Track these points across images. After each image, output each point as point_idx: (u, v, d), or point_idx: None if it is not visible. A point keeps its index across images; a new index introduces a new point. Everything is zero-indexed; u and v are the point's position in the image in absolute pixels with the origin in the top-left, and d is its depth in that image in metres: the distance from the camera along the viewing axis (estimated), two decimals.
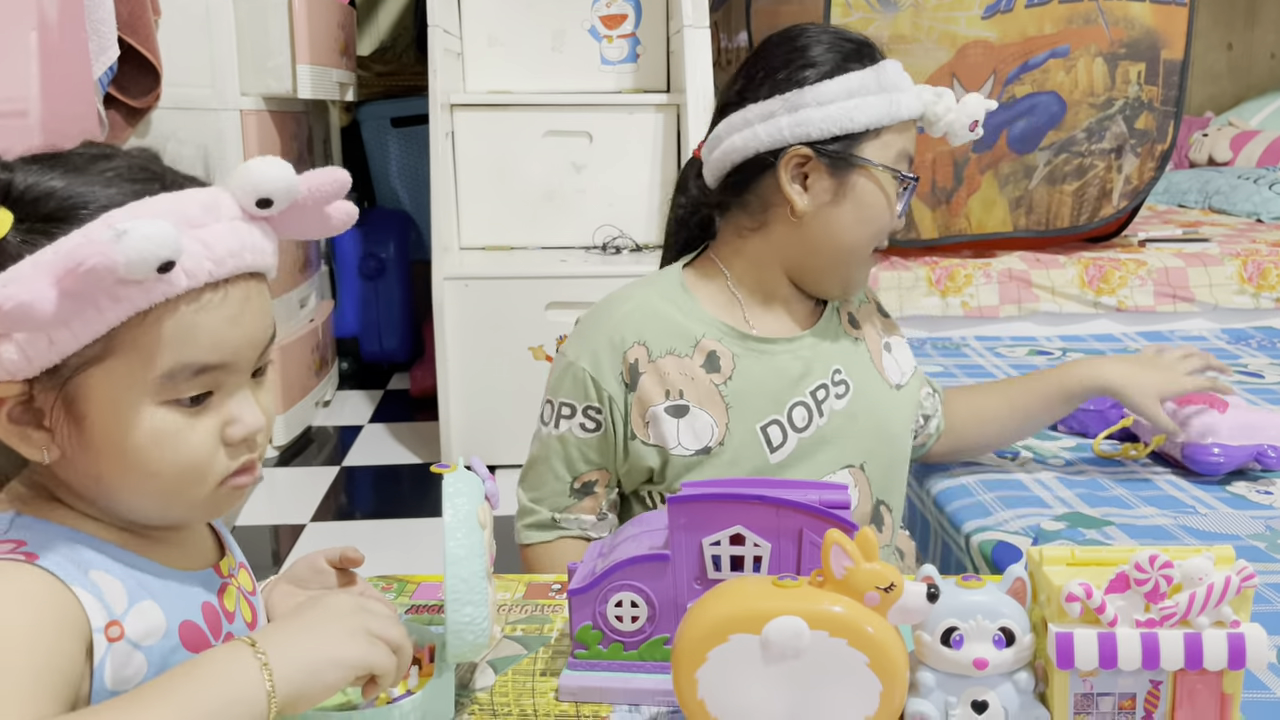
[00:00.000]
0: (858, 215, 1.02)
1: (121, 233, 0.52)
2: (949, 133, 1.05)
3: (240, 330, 0.60)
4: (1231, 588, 0.62)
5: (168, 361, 0.57)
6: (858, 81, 0.99)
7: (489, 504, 0.73)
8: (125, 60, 2.11)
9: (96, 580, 0.58)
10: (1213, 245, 2.46)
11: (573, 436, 1.06)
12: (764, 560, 0.72)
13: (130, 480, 0.59)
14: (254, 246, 0.60)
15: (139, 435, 0.58)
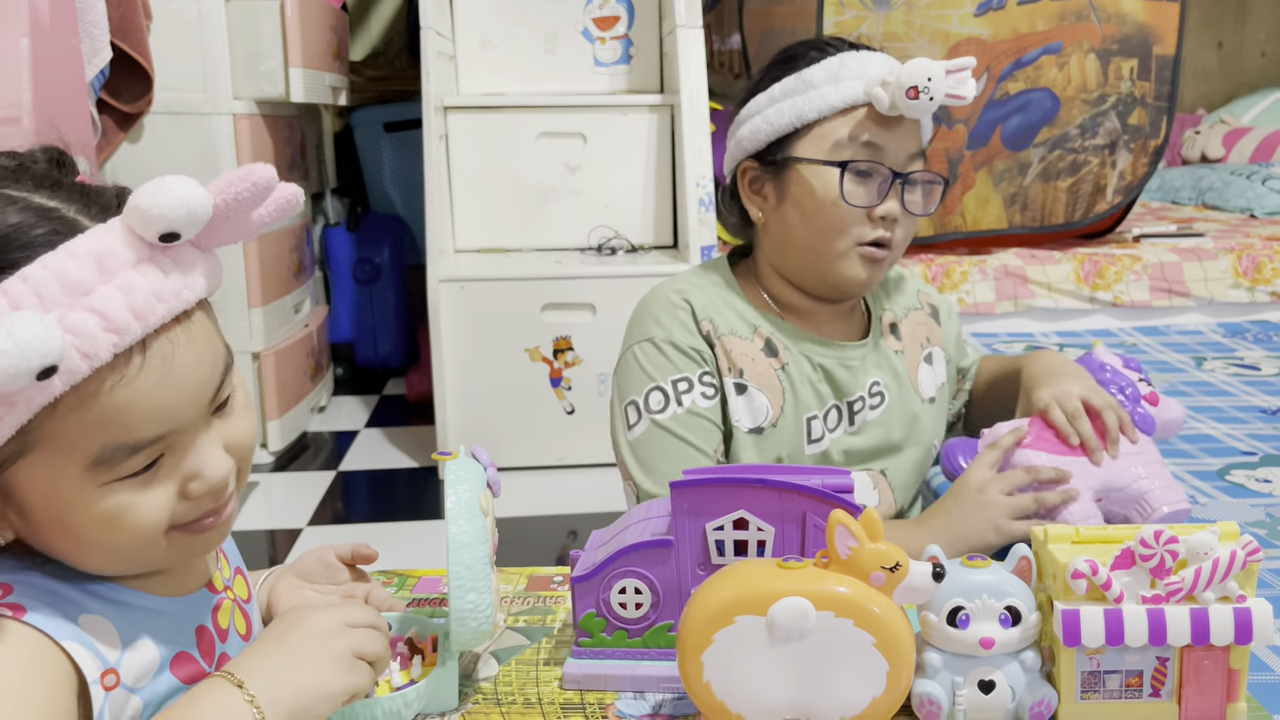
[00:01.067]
0: (800, 212, 1.03)
1: None
2: (902, 109, 0.99)
3: (174, 391, 0.53)
4: (1237, 563, 0.62)
5: (94, 448, 0.51)
6: (779, 88, 1.04)
7: (490, 491, 0.72)
8: (117, 65, 2.11)
9: (87, 627, 0.55)
10: (1207, 240, 2.47)
11: (700, 406, 1.02)
12: (768, 544, 0.71)
13: (91, 555, 0.56)
14: (168, 290, 0.51)
15: (90, 519, 0.53)
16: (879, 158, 1.00)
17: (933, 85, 0.96)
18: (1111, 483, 0.98)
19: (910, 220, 1.03)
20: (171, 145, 2.30)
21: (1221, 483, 1.34)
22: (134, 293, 0.50)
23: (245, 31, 2.32)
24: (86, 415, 0.50)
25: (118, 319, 0.49)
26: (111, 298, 0.49)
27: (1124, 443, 0.99)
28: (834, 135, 1.00)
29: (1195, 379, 1.90)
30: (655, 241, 2.64)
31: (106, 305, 0.49)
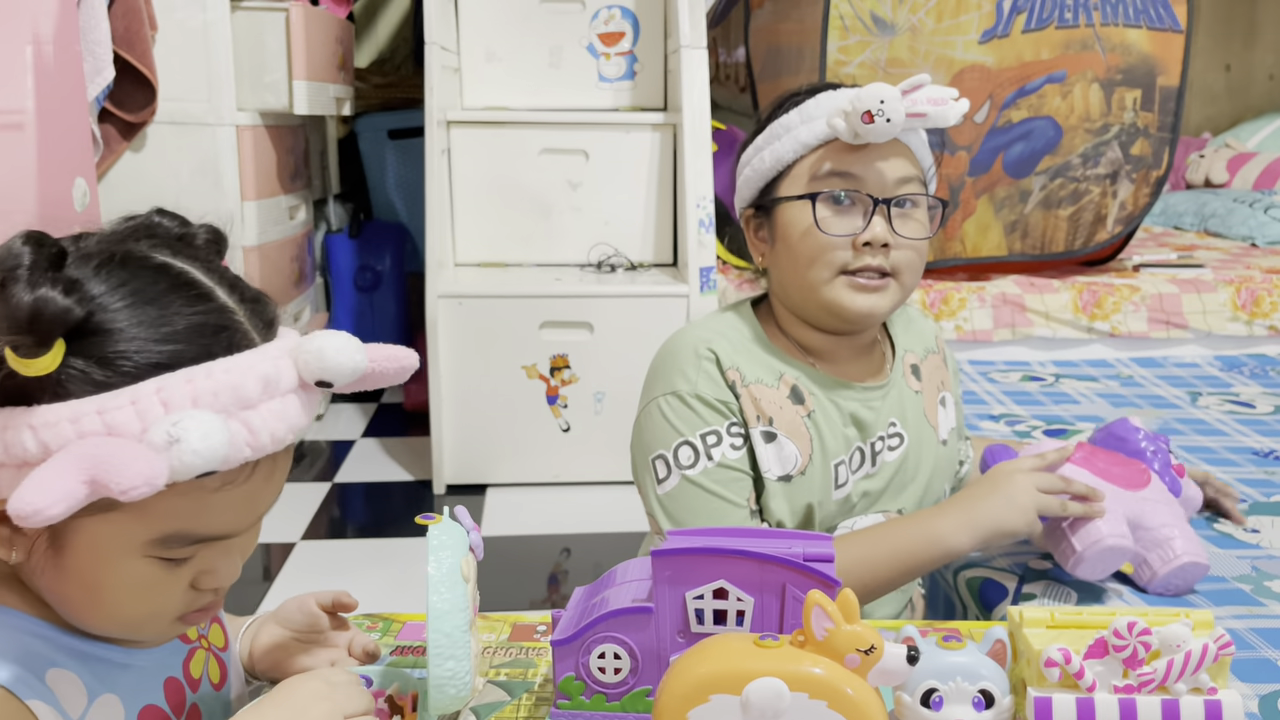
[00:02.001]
0: (787, 248, 1.04)
1: (174, 441, 0.49)
2: (864, 135, 0.98)
3: (254, 506, 0.58)
4: (1209, 655, 0.62)
5: (170, 528, 0.55)
6: (763, 138, 1.07)
7: (473, 555, 0.73)
8: (122, 75, 2.11)
9: (53, 683, 0.57)
10: (1206, 271, 2.47)
11: (730, 458, 1.02)
12: (747, 614, 0.72)
13: (92, 612, 0.58)
14: (298, 425, 0.57)
15: (115, 582, 0.56)
16: (856, 186, 1.00)
17: (886, 107, 0.96)
18: (1141, 520, 1.03)
19: (910, 246, 1.02)
20: (174, 155, 2.31)
21: (1210, 531, 1.34)
22: (281, 420, 0.55)
23: (250, 43, 2.33)
24: (182, 502, 0.54)
25: (261, 438, 0.54)
26: (265, 419, 0.54)
27: (1156, 490, 1.04)
28: (811, 171, 1.02)
29: (1189, 416, 1.90)
30: (655, 260, 2.64)
31: (259, 424, 0.54)
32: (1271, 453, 1.67)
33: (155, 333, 0.53)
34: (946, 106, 0.98)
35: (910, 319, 1.18)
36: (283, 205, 2.60)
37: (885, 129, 0.97)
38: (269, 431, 0.54)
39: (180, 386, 0.52)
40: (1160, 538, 1.03)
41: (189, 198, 2.32)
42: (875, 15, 2.25)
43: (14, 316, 0.49)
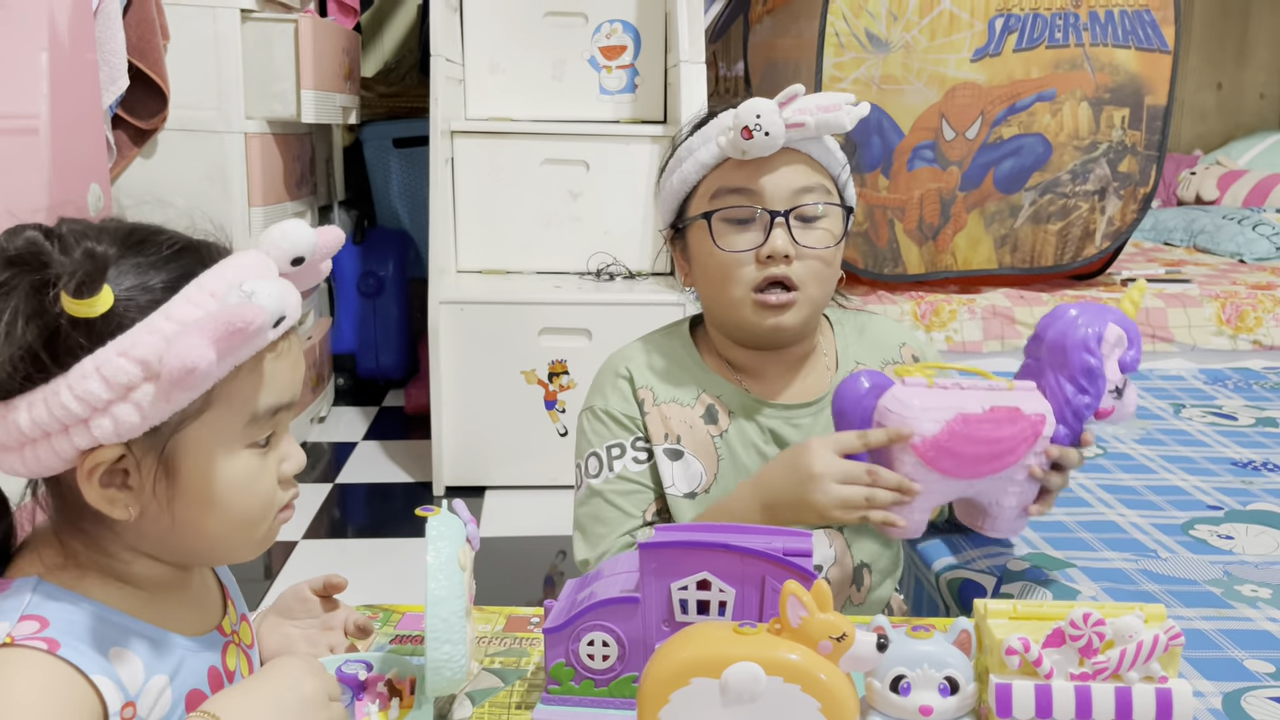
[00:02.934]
0: (701, 270, 1.06)
1: (251, 293, 0.59)
2: (747, 150, 0.99)
3: (297, 372, 0.67)
4: (1160, 645, 0.66)
5: (256, 406, 0.63)
6: (672, 161, 1.08)
7: (469, 546, 0.77)
8: (134, 83, 2.16)
9: (115, 660, 0.61)
10: (1193, 286, 2.51)
11: (631, 471, 1.06)
12: (729, 605, 0.76)
13: (214, 531, 0.65)
14: (298, 301, 0.65)
15: (229, 481, 0.64)
16: (752, 200, 1.00)
17: (763, 121, 0.97)
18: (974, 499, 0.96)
19: (815, 256, 1.00)
20: (183, 161, 2.35)
21: (1184, 537, 1.38)
22: (290, 293, 0.64)
23: (259, 53, 2.38)
24: (252, 377, 0.63)
25: (290, 304, 0.63)
26: (284, 286, 0.63)
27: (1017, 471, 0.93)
28: (710, 190, 1.03)
29: (1172, 427, 1.94)
30: (652, 269, 2.69)
31: (284, 289, 0.62)
32: (1250, 463, 1.71)
33: (157, 259, 0.61)
34: (838, 112, 0.98)
35: (865, 327, 1.15)
36: (289, 211, 2.64)
37: (765, 143, 0.97)
38: (290, 300, 0.63)
39: (214, 277, 0.60)
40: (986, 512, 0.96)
41: (198, 203, 2.35)
42: (870, 33, 2.30)
43: (71, 268, 0.56)
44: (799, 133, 0.98)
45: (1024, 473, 0.93)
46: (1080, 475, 1.64)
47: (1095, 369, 0.92)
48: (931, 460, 0.90)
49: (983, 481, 0.93)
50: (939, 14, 2.29)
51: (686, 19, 2.50)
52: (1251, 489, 1.59)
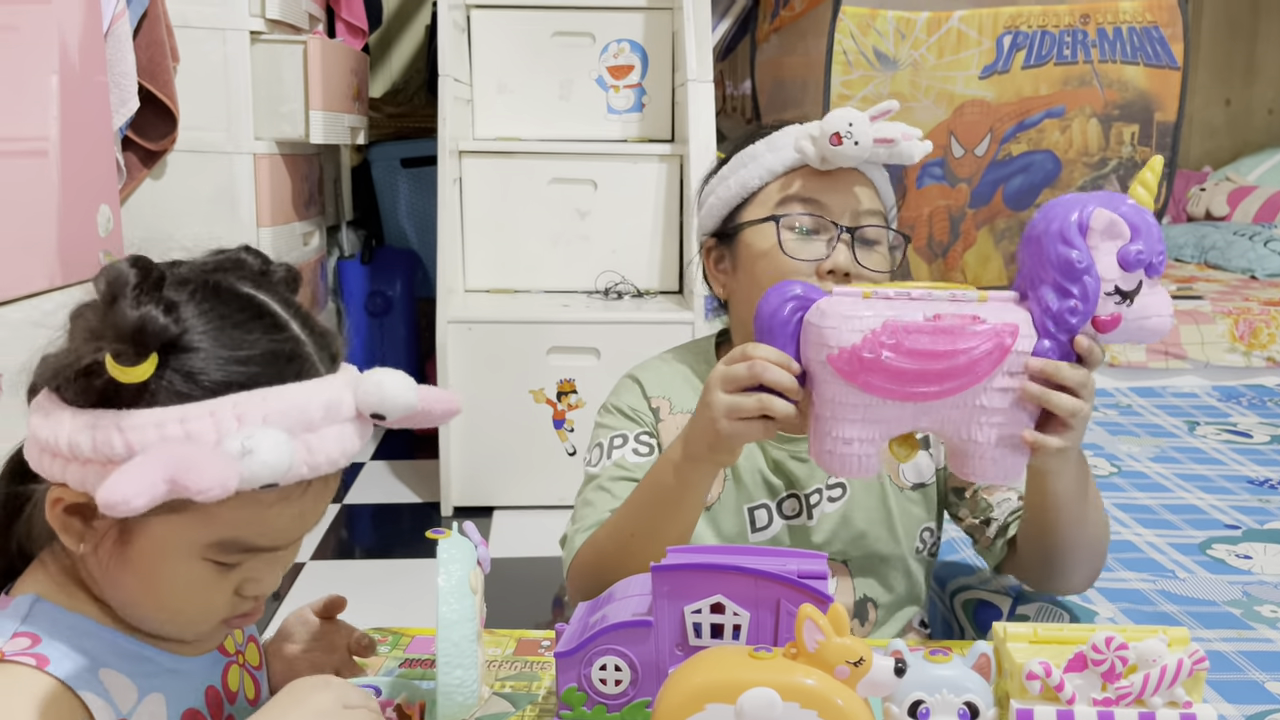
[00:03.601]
0: (748, 275, 1.03)
1: (247, 452, 0.55)
2: (830, 159, 0.98)
3: (303, 523, 0.64)
4: (1184, 670, 0.65)
5: (228, 535, 0.60)
6: (728, 168, 1.07)
7: (480, 569, 0.76)
8: (144, 104, 2.17)
9: (105, 679, 0.61)
10: (1205, 303, 2.50)
11: (628, 460, 1.05)
12: (743, 628, 0.75)
13: (145, 607, 0.63)
14: (351, 450, 0.62)
15: (173, 580, 0.61)
16: (822, 212, 0.99)
17: (855, 130, 0.96)
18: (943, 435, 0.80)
19: (871, 279, 0.99)
20: (193, 182, 2.36)
21: (1202, 557, 1.37)
22: (337, 444, 0.60)
23: (268, 75, 2.39)
24: (242, 512, 0.59)
25: (318, 459, 0.59)
26: (324, 442, 0.59)
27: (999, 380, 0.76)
28: (775, 196, 1.02)
29: (1186, 444, 1.93)
30: (661, 287, 2.69)
31: (318, 445, 0.59)
32: (1267, 481, 1.69)
33: (235, 355, 0.59)
34: (909, 143, 0.98)
35: None
36: (297, 231, 2.65)
37: (853, 152, 0.96)
38: (325, 454, 0.60)
39: (254, 404, 0.57)
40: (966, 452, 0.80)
41: (207, 224, 2.37)
42: (878, 50, 2.31)
43: (120, 327, 0.55)
44: (884, 149, 0.97)
45: (1002, 398, 0.76)
46: None
47: (1075, 263, 0.74)
48: (851, 375, 0.75)
49: (943, 409, 0.76)
50: (947, 31, 2.29)
51: (694, 38, 2.50)
52: (1269, 507, 1.57)
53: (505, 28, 2.76)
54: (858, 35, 2.29)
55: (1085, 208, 0.75)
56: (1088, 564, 0.99)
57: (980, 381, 0.74)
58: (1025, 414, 0.77)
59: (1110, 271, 0.75)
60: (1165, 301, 0.77)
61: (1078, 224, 0.75)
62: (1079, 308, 0.75)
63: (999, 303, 0.77)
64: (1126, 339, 0.77)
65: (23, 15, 1.63)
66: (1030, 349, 0.76)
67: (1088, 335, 0.77)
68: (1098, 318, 0.75)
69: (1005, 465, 0.78)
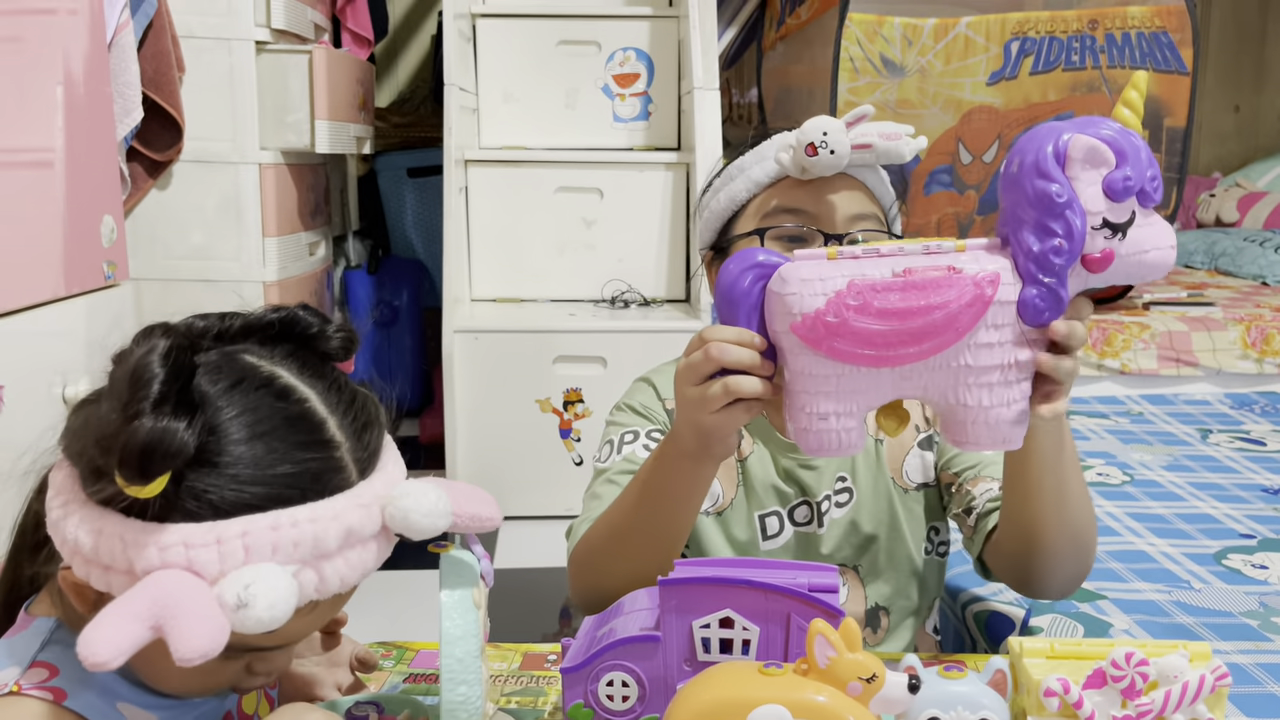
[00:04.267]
0: None
1: (242, 605, 0.51)
2: (810, 169, 0.95)
3: (313, 624, 0.61)
4: (1206, 686, 0.63)
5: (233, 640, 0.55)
6: (719, 180, 1.05)
7: (484, 583, 0.75)
8: (150, 115, 2.17)
9: (125, 712, 0.60)
10: (1216, 310, 2.48)
11: (638, 456, 1.03)
12: (752, 643, 0.73)
13: (153, 676, 0.62)
14: (369, 569, 0.59)
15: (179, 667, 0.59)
16: (807, 222, 0.97)
17: (830, 139, 0.93)
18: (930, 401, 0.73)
19: None
20: (198, 192, 2.36)
21: (1218, 567, 1.35)
22: (354, 568, 0.57)
23: (274, 85, 2.38)
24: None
25: (330, 585, 0.55)
26: (338, 567, 0.56)
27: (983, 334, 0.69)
28: (763, 209, 1.00)
29: (1199, 453, 1.91)
30: (667, 295, 2.67)
31: (331, 571, 0.55)
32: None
33: (258, 474, 0.54)
34: (899, 142, 0.94)
35: None
36: (303, 241, 2.64)
37: (830, 161, 0.93)
38: (339, 577, 0.56)
39: (264, 534, 0.53)
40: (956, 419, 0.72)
41: (212, 234, 2.37)
42: (885, 57, 2.30)
43: (129, 445, 0.50)
44: (862, 156, 0.94)
45: (990, 354, 0.69)
46: (1107, 503, 1.60)
47: (1054, 197, 0.66)
48: (816, 343, 0.68)
49: (925, 373, 0.69)
50: (954, 38, 2.28)
51: (700, 46, 2.50)
52: None
53: (511, 37, 2.76)
54: (864, 42, 2.28)
55: (1061, 135, 0.67)
56: (1071, 559, 0.92)
57: (961, 338, 0.67)
58: (1017, 370, 0.70)
59: (1096, 204, 0.67)
60: (1164, 232, 0.68)
61: (1054, 154, 0.67)
62: (1063, 246, 0.66)
63: (977, 250, 0.69)
64: (1125, 278, 0.69)
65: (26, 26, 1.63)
66: (1014, 298, 0.68)
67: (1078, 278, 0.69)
68: (1087, 256, 0.67)
69: (1002, 429, 0.71)
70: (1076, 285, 0.69)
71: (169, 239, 2.34)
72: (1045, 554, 0.91)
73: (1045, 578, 0.94)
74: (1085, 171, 0.67)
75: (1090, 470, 1.77)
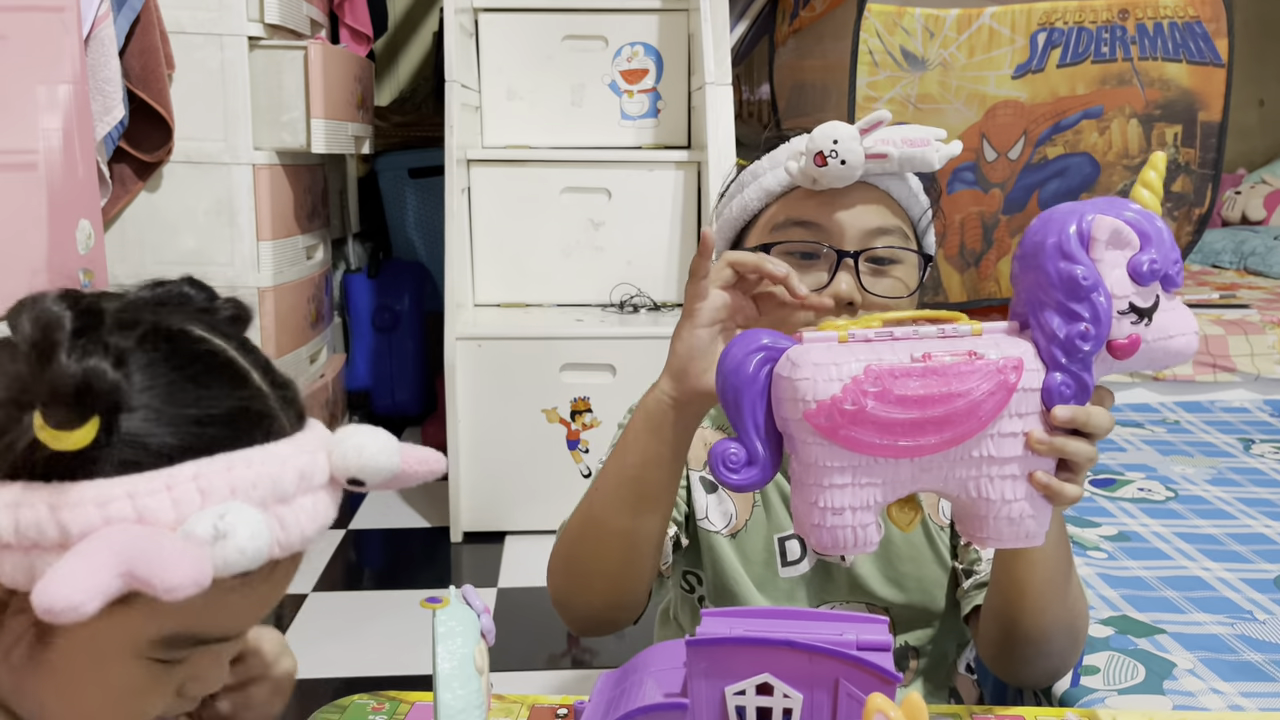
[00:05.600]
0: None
1: (220, 536, 0.46)
2: (820, 180, 0.87)
3: (260, 609, 0.56)
4: None
5: (179, 627, 0.51)
6: (733, 186, 0.98)
7: (485, 641, 0.65)
8: (138, 114, 2.08)
9: None
10: (1252, 312, 2.37)
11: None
12: (794, 713, 0.64)
13: (57, 708, 0.52)
14: (324, 521, 0.54)
15: (104, 688, 0.52)
16: (818, 237, 0.88)
17: (841, 147, 0.85)
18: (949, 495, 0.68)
19: (884, 306, 0.88)
20: (190, 194, 2.27)
21: (1279, 594, 1.25)
22: (312, 517, 0.52)
23: (268, 82, 2.29)
24: (199, 600, 0.47)
25: (292, 535, 0.51)
26: (298, 515, 0.51)
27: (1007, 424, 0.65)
28: (773, 221, 0.92)
29: (1244, 465, 1.81)
30: (679, 299, 2.58)
31: (292, 520, 0.51)
32: None
33: (194, 414, 0.50)
34: (926, 148, 0.86)
35: None
36: (299, 245, 2.55)
37: (840, 172, 0.85)
38: (299, 528, 0.52)
39: (219, 475, 0.48)
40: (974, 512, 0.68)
41: (204, 238, 2.28)
42: (905, 50, 2.20)
43: (57, 386, 0.45)
44: (879, 165, 0.86)
45: (1013, 445, 0.65)
46: (1153, 522, 1.51)
47: (1080, 280, 0.64)
48: (832, 432, 0.64)
49: (946, 465, 0.66)
50: (978, 29, 2.18)
51: (711, 40, 2.40)
52: None
53: (514, 32, 2.66)
54: (884, 34, 2.18)
55: (1084, 216, 0.65)
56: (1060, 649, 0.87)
57: (984, 428, 0.64)
58: (1042, 461, 0.67)
59: (1122, 287, 0.64)
60: (1187, 318, 0.66)
61: (1078, 235, 0.64)
62: (1090, 331, 0.64)
63: (996, 334, 0.67)
64: (1148, 364, 0.67)
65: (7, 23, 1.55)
66: (1039, 384, 0.65)
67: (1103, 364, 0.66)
68: (1113, 341, 0.65)
69: (1025, 525, 0.68)
70: (1101, 371, 0.66)
71: (159, 243, 2.25)
72: (1033, 643, 0.85)
73: (1029, 665, 0.89)
74: (1109, 254, 0.65)
75: (1131, 485, 1.67)
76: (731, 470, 0.68)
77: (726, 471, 0.68)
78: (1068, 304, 0.64)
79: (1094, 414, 0.66)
